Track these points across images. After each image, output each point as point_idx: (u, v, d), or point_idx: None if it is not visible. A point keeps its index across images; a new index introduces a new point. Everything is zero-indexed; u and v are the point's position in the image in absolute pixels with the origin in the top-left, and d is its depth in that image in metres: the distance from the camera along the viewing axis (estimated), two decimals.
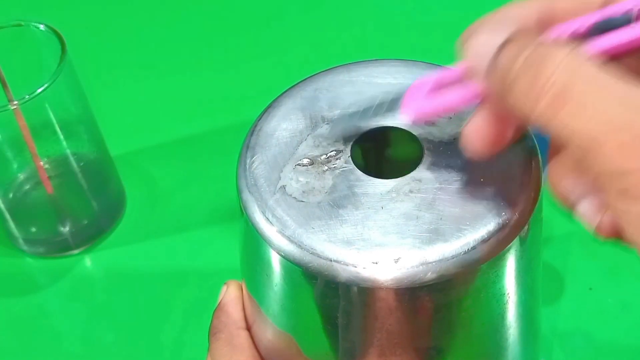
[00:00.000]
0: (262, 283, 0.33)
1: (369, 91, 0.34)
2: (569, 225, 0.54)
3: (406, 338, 0.31)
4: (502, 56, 0.25)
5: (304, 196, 0.31)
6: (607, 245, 0.55)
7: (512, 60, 0.25)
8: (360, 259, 0.29)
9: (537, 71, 0.24)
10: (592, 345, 0.49)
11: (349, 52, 0.68)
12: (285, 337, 0.33)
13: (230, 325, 0.36)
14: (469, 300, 0.31)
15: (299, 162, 0.32)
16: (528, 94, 0.24)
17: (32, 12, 0.67)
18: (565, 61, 0.23)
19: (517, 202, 0.30)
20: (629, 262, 0.53)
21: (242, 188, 0.32)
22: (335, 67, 0.35)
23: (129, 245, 0.58)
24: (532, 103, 0.24)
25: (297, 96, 0.34)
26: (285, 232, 0.30)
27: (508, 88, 0.25)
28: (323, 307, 0.31)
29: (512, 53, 0.25)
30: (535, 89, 0.24)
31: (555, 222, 0.54)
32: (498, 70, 0.25)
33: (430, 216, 0.30)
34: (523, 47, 0.25)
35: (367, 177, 0.31)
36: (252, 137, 0.33)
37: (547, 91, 0.23)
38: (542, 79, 0.23)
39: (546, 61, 0.24)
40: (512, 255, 0.30)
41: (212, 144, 0.64)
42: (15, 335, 0.55)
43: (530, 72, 0.24)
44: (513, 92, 0.24)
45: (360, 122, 0.32)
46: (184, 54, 0.72)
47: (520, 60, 0.24)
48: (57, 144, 0.55)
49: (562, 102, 0.23)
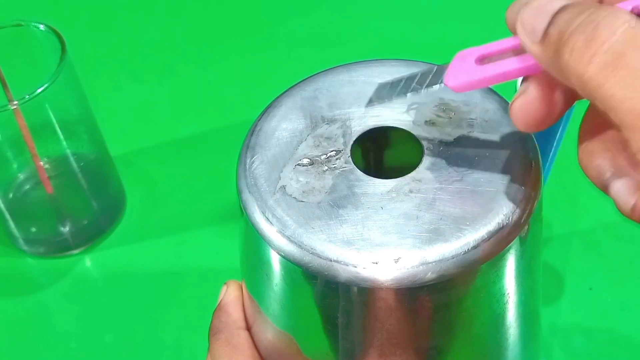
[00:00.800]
0: (262, 283, 0.33)
1: (369, 91, 0.34)
2: (569, 225, 0.55)
3: (406, 338, 0.31)
4: (559, 18, 0.24)
5: (304, 196, 0.31)
6: (607, 245, 0.55)
7: (569, 22, 0.24)
8: (360, 259, 0.29)
9: (594, 31, 0.23)
10: (592, 345, 0.49)
11: (349, 51, 0.67)
12: (285, 337, 0.33)
13: (230, 326, 0.36)
14: (469, 300, 0.31)
15: (299, 162, 0.32)
16: (583, 54, 0.23)
17: (32, 12, 0.67)
18: (623, 27, 0.23)
19: (517, 202, 0.30)
20: (629, 262, 0.53)
21: (242, 188, 0.32)
22: (335, 67, 0.35)
23: (129, 245, 0.58)
24: (585, 64, 0.23)
25: (297, 96, 0.34)
26: (285, 232, 0.30)
27: (563, 46, 0.24)
28: (323, 307, 0.31)
29: (570, 16, 0.24)
30: (590, 49, 0.23)
31: (555, 222, 0.54)
32: (554, 32, 0.24)
33: (430, 216, 0.30)
34: (581, 11, 0.24)
35: (367, 177, 0.31)
36: (252, 137, 0.33)
37: (603, 52, 0.22)
38: (599, 40, 0.23)
39: (605, 23, 0.23)
40: (512, 255, 0.30)
41: (212, 144, 0.64)
42: (15, 335, 0.55)
43: (588, 31, 0.23)
44: (567, 50, 0.23)
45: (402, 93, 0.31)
46: (184, 54, 0.72)
47: (578, 20, 0.23)
48: (57, 144, 0.55)
49: (617, 67, 0.22)
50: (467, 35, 0.29)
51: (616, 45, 0.22)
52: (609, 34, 0.23)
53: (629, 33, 0.23)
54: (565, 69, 0.24)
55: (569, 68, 0.24)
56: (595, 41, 0.23)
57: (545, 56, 0.25)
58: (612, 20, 0.23)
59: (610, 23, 0.23)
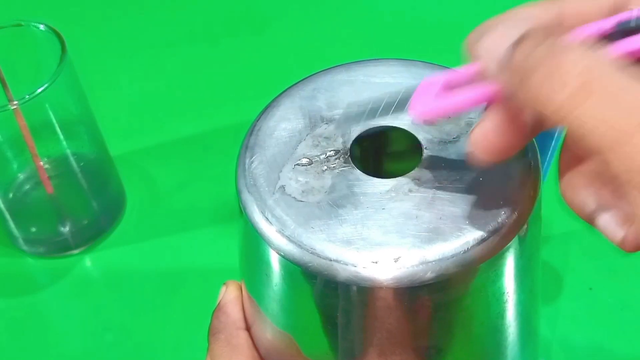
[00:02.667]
0: (261, 283, 0.33)
1: (368, 91, 0.34)
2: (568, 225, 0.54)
3: (406, 337, 0.31)
4: (518, 50, 0.24)
5: (304, 196, 0.31)
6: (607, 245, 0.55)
7: (529, 53, 0.23)
8: (360, 258, 0.29)
9: (558, 61, 0.23)
10: (592, 345, 0.49)
11: (347, 51, 0.67)
12: (285, 337, 0.33)
13: (230, 326, 0.36)
14: (468, 299, 0.31)
15: (298, 161, 0.32)
16: (547, 85, 0.23)
17: (32, 12, 0.67)
18: (587, 54, 0.23)
19: (516, 201, 0.30)
20: (629, 262, 0.53)
21: (242, 188, 0.32)
22: (334, 66, 0.35)
23: (129, 245, 0.58)
24: (551, 94, 0.22)
25: (295, 96, 0.34)
26: (284, 231, 0.30)
27: (525, 79, 0.23)
28: (323, 306, 0.31)
29: (529, 47, 0.24)
30: (556, 79, 0.22)
31: (555, 222, 0.54)
32: (514, 64, 0.24)
33: (429, 215, 0.30)
34: (541, 41, 0.23)
35: (366, 176, 0.31)
36: (251, 137, 0.33)
37: (570, 81, 0.22)
38: (565, 68, 0.22)
39: (568, 53, 0.23)
40: (512, 254, 0.30)
41: (212, 144, 0.64)
42: (15, 335, 0.55)
43: (551, 62, 0.23)
44: (530, 83, 0.23)
45: (367, 121, 0.32)
46: (184, 54, 0.72)
47: (539, 51, 0.23)
48: (57, 144, 0.55)
49: (588, 93, 0.22)
50: (466, 34, 0.29)
51: (585, 72, 0.22)
52: (574, 60, 0.22)
53: (592, 58, 0.22)
54: (533, 97, 0.23)
55: (537, 96, 0.23)
56: (562, 68, 0.22)
57: (510, 84, 0.25)
58: (576, 47, 0.23)
59: (574, 50, 0.23)
